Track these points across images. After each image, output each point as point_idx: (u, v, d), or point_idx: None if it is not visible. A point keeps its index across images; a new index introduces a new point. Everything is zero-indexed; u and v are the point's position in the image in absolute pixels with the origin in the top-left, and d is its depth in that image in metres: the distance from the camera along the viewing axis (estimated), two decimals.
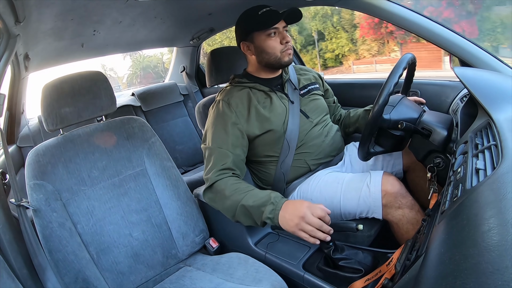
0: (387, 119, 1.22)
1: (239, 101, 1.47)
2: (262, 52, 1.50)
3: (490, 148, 0.75)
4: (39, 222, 1.23)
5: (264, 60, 1.51)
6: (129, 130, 1.49)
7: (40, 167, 1.29)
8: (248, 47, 1.53)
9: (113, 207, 1.38)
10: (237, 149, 1.42)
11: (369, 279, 1.05)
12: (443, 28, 1.49)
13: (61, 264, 1.22)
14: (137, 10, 1.74)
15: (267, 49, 1.48)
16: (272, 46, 1.47)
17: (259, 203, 1.22)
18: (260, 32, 1.47)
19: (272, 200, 1.20)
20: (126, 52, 3.13)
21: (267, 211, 1.19)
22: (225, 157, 1.38)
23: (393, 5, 1.54)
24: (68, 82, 1.39)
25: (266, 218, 1.19)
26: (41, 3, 1.29)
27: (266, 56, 1.50)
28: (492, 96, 1.02)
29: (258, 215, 1.22)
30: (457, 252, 0.51)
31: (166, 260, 1.44)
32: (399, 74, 1.21)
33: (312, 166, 1.52)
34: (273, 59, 1.49)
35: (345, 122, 1.78)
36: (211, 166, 1.38)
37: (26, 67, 1.95)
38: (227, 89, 1.56)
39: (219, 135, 1.42)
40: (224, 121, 1.43)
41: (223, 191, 1.31)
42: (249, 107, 1.47)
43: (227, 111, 1.45)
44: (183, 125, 3.14)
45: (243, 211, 1.25)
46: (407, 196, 1.28)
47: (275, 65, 1.51)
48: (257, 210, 1.21)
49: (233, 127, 1.43)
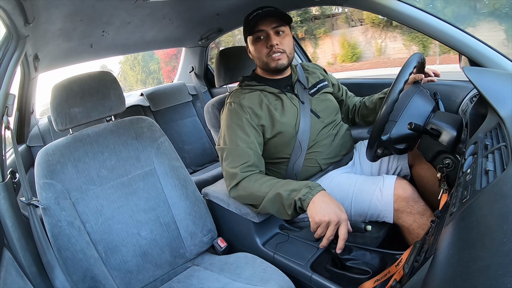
0: (387, 139, 1.23)
1: (250, 103, 1.47)
2: (253, 57, 1.53)
3: (500, 149, 0.74)
4: (48, 220, 1.24)
5: (257, 64, 1.54)
6: (138, 130, 1.50)
7: (50, 167, 1.30)
8: (249, 51, 1.56)
9: (121, 206, 1.39)
10: (257, 146, 1.42)
11: (378, 280, 1.05)
12: (452, 27, 1.47)
13: (69, 262, 1.23)
14: (145, 10, 1.75)
15: (254, 54, 1.52)
16: (258, 51, 1.49)
17: (295, 186, 1.23)
18: (251, 36, 1.49)
19: (310, 184, 1.20)
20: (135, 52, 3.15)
21: (301, 192, 1.18)
22: (247, 155, 1.38)
23: (402, 4, 1.53)
24: (77, 83, 1.40)
25: (298, 200, 1.18)
26: (50, 4, 1.30)
27: (256, 61, 1.53)
28: (502, 96, 1.00)
29: (291, 198, 1.21)
30: (466, 254, 0.50)
31: (174, 260, 1.45)
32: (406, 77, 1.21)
33: (323, 165, 1.51)
34: (261, 63, 1.51)
35: (362, 112, 1.75)
36: (234, 164, 1.37)
37: (35, 67, 1.97)
38: (237, 91, 1.55)
39: (237, 134, 1.41)
40: (240, 121, 1.43)
41: (253, 185, 1.31)
42: (261, 108, 1.46)
43: (240, 112, 1.44)
44: (192, 125, 3.15)
45: (274, 197, 1.25)
46: (419, 201, 1.27)
47: (267, 69, 1.52)
48: (291, 194, 1.22)
49: (249, 125, 1.43)
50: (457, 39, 1.45)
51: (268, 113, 1.46)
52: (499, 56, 1.40)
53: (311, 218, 1.14)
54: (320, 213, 1.12)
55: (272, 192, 1.25)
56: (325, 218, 1.11)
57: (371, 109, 1.68)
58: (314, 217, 1.13)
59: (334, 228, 1.11)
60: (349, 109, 1.80)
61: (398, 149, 1.28)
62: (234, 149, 1.39)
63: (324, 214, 1.11)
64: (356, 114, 1.78)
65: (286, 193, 1.22)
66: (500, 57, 1.40)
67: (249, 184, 1.32)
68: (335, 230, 1.12)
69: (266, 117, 1.46)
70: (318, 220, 1.12)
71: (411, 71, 1.22)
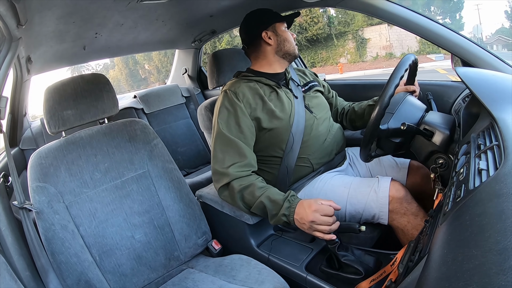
0: (385, 129, 1.23)
1: (246, 91, 1.48)
2: (284, 41, 1.59)
3: (493, 149, 0.75)
4: (41, 224, 1.23)
5: (285, 49, 1.60)
6: (131, 132, 1.49)
7: (43, 170, 1.29)
8: (269, 36, 1.58)
9: (115, 209, 1.38)
10: (250, 140, 1.44)
11: (374, 279, 1.05)
12: (444, 28, 1.49)
13: (63, 266, 1.22)
14: (138, 12, 1.75)
15: (288, 38, 1.60)
16: (290, 38, 1.60)
17: (277, 198, 1.27)
18: (280, 24, 1.58)
19: (289, 198, 1.26)
20: (128, 54, 3.14)
21: (283, 208, 1.25)
22: (242, 153, 1.39)
23: (394, 5, 1.54)
24: (70, 85, 1.39)
25: (282, 216, 1.24)
26: (43, 6, 1.29)
27: (287, 45, 1.59)
28: (494, 96, 1.01)
29: (275, 211, 1.27)
30: (460, 253, 0.51)
31: (168, 262, 1.44)
32: (400, 76, 1.22)
33: (315, 165, 1.52)
34: (292, 48, 1.61)
35: (351, 117, 1.78)
36: (228, 160, 1.38)
37: (28, 69, 1.96)
38: (233, 81, 1.58)
39: (231, 125, 1.43)
40: (234, 111, 1.44)
41: (243, 189, 1.33)
42: (255, 98, 1.48)
43: (235, 100, 1.45)
44: (185, 127, 3.15)
45: (260, 206, 1.30)
46: (412, 202, 1.28)
47: (292, 54, 1.62)
48: (275, 205, 1.27)
49: (243, 116, 1.43)
50: (449, 40, 1.47)
51: (263, 104, 1.47)
52: (491, 56, 1.42)
53: (303, 227, 1.21)
54: (306, 225, 1.19)
55: (258, 203, 1.30)
56: (311, 225, 1.18)
57: (360, 114, 1.72)
58: (306, 231, 1.21)
59: (323, 221, 1.16)
60: (338, 112, 1.83)
61: (393, 144, 1.28)
62: (227, 141, 1.41)
63: (308, 225, 1.18)
64: (344, 118, 1.81)
65: (271, 205, 1.28)
66: (492, 57, 1.42)
67: (239, 186, 1.34)
68: (326, 220, 1.16)
69: (260, 108, 1.47)
70: (311, 231, 1.19)
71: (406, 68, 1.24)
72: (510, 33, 25.97)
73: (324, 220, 1.15)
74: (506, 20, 28.63)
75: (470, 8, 41.99)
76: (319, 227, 1.16)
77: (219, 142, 1.42)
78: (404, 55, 1.32)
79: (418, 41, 20.82)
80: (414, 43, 20.87)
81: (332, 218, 1.16)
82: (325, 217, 1.15)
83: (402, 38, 20.74)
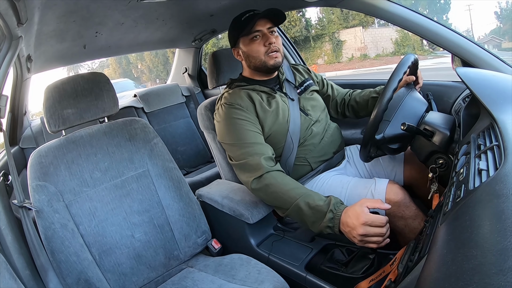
0: (380, 139, 1.23)
1: (242, 102, 1.47)
2: (248, 57, 1.52)
3: (493, 149, 0.75)
4: (41, 223, 1.23)
5: (252, 64, 1.53)
6: (131, 131, 1.49)
7: (43, 168, 1.29)
8: (238, 53, 1.56)
9: (115, 208, 1.38)
10: (262, 140, 1.42)
11: (373, 279, 1.05)
12: (444, 28, 1.48)
13: (63, 265, 1.22)
14: (139, 11, 1.75)
15: (252, 53, 1.50)
16: (256, 50, 1.48)
17: (318, 204, 1.18)
18: (245, 37, 1.49)
19: (331, 208, 1.15)
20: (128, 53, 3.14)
21: (327, 219, 1.14)
22: (262, 150, 1.36)
23: (394, 5, 1.54)
24: (70, 84, 1.39)
25: (326, 228, 1.15)
26: (43, 5, 1.29)
27: (252, 60, 1.51)
28: (494, 96, 1.01)
29: (316, 220, 1.17)
30: (459, 253, 0.51)
31: (168, 261, 1.44)
32: (398, 79, 1.22)
33: (313, 164, 1.52)
34: (259, 62, 1.50)
35: (353, 107, 1.74)
36: (253, 156, 1.34)
37: (28, 68, 1.96)
38: (228, 93, 1.54)
39: (241, 133, 1.40)
40: (239, 119, 1.42)
41: (277, 185, 1.28)
42: (254, 106, 1.47)
43: (235, 111, 1.44)
44: (185, 127, 3.15)
45: (297, 211, 1.22)
46: (411, 205, 1.26)
47: (262, 68, 1.52)
48: (316, 213, 1.17)
49: (248, 122, 1.42)
50: (449, 40, 1.46)
51: (261, 110, 1.47)
52: (491, 56, 1.42)
53: (353, 240, 1.10)
54: (356, 239, 1.08)
55: (294, 207, 1.22)
56: (362, 239, 1.07)
57: (363, 104, 1.69)
58: (358, 244, 1.09)
59: (374, 233, 1.06)
60: (338, 103, 1.79)
61: (391, 149, 1.28)
62: (244, 145, 1.38)
63: (358, 238, 1.07)
64: (346, 108, 1.77)
65: (310, 212, 1.19)
66: (492, 57, 1.42)
67: (275, 182, 1.29)
68: (378, 231, 1.06)
69: (259, 115, 1.46)
70: (363, 244, 1.08)
71: (405, 71, 1.23)
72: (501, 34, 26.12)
73: (376, 232, 1.06)
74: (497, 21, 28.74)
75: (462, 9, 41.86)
76: (372, 239, 1.06)
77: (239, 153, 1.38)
78: (405, 55, 1.31)
79: (393, 42, 21.00)
80: (390, 45, 21.01)
81: (386, 227, 1.07)
82: (377, 228, 1.06)
83: (377, 40, 20.80)
